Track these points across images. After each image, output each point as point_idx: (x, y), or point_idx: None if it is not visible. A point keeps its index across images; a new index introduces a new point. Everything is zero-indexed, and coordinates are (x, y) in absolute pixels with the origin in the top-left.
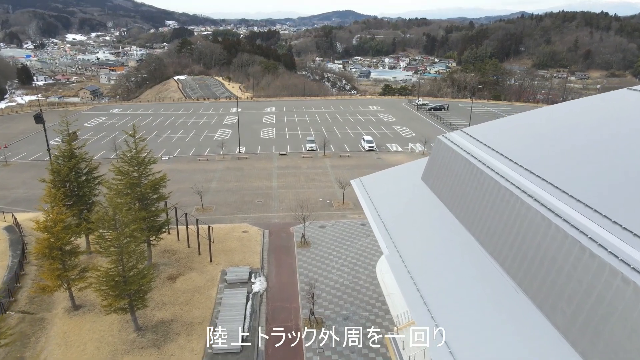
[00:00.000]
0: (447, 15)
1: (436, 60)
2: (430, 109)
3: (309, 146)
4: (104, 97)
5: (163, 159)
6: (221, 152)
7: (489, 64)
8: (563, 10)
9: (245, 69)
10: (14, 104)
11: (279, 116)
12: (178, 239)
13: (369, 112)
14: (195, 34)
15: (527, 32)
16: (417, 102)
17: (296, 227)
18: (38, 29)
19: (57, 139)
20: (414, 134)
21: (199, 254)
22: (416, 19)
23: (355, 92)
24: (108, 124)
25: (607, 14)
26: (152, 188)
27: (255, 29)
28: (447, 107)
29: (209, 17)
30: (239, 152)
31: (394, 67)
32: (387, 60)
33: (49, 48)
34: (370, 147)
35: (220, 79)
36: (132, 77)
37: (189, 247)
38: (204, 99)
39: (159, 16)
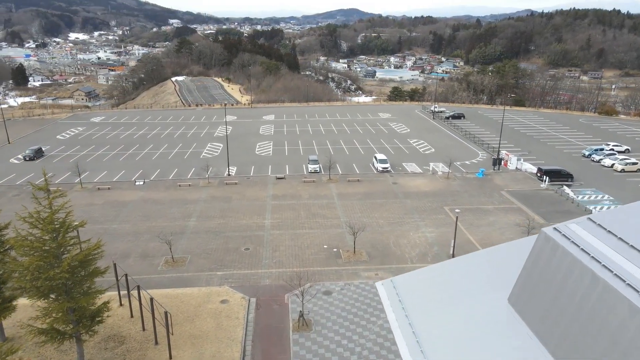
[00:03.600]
0: (452, 13)
1: (443, 59)
2: (447, 118)
3: (311, 167)
4: (99, 98)
5: (137, 184)
6: (206, 176)
7: (509, 65)
8: (574, 8)
9: (246, 70)
10: (5, 106)
11: (279, 126)
12: (131, 316)
13: (380, 120)
14: (199, 32)
15: (537, 30)
16: (432, 109)
17: (293, 295)
18: (41, 28)
19: (18, 157)
20: (433, 150)
21: (156, 343)
22: (422, 17)
23: (360, 92)
24: (84, 135)
25: (619, 11)
26: (81, 262)
27: (259, 27)
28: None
29: (213, 16)
30: (228, 174)
31: (400, 67)
32: (392, 59)
33: (50, 47)
34: (384, 168)
35: (219, 80)
36: (129, 78)
37: (143, 329)
38: (197, 105)
39: (163, 15)
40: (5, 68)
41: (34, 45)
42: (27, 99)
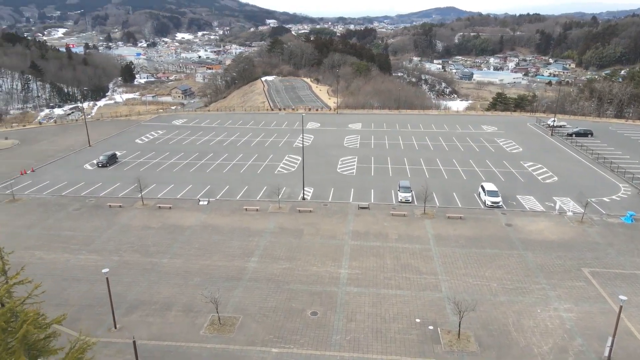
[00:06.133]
0: (562, 10)
1: (551, 60)
2: (570, 135)
3: (402, 195)
4: (194, 96)
5: (201, 203)
6: (277, 199)
7: None
8: None
9: (336, 70)
10: (112, 102)
11: (365, 137)
12: None
13: (484, 135)
14: (292, 32)
15: None
16: (550, 123)
17: None
18: (152, 28)
19: (93, 162)
20: (556, 178)
21: None
22: (528, 14)
23: (455, 96)
24: (162, 140)
25: None
26: None
27: (352, 27)
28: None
29: (308, 16)
30: (303, 198)
31: (501, 68)
32: (492, 60)
33: (159, 47)
34: (494, 202)
35: (308, 80)
36: (222, 77)
37: None
38: (280, 109)
39: (261, 15)
40: (115, 66)
41: (145, 45)
42: (131, 96)
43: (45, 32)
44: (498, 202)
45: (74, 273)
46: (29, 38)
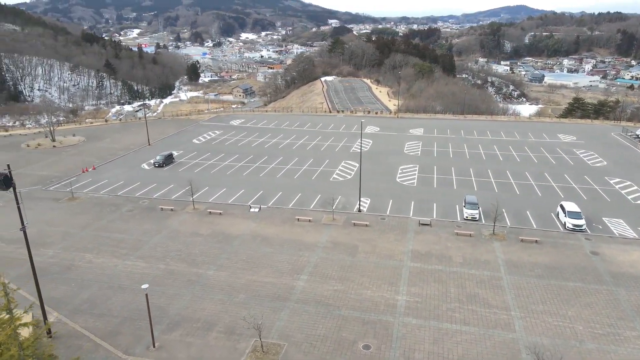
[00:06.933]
0: None
1: (633, 62)
2: None
3: (468, 212)
4: (254, 95)
5: (252, 210)
6: (332, 209)
7: None
8: None
9: (397, 72)
10: (177, 99)
11: (427, 144)
12: None
13: (560, 145)
14: (354, 32)
15: None
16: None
17: None
18: (219, 28)
19: (150, 161)
20: None
21: None
22: (608, 13)
23: (524, 99)
24: (218, 141)
25: None
26: None
27: (415, 26)
28: None
29: (370, 16)
30: (359, 210)
31: (575, 70)
32: (566, 61)
33: (224, 46)
34: (576, 226)
35: (368, 81)
36: (282, 76)
37: None
38: (338, 112)
39: (323, 15)
40: (182, 65)
41: (211, 44)
42: (195, 94)
43: (122, 33)
44: (581, 226)
45: (120, 280)
46: (106, 38)
